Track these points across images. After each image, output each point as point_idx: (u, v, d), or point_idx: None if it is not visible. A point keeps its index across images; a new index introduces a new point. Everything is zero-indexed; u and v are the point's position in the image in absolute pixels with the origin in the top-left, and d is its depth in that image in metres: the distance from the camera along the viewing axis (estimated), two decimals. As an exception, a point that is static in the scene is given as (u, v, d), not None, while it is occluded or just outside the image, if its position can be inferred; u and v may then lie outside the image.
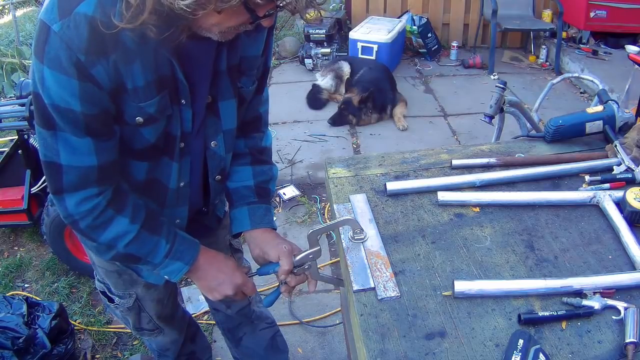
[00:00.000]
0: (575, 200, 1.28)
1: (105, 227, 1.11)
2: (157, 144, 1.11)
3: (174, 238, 1.20)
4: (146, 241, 1.16)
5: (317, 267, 1.26)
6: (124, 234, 1.13)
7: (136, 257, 1.17)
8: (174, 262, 1.20)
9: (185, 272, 1.22)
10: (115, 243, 1.13)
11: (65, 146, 1.01)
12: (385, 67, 4.38)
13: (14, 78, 4.77)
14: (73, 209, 1.08)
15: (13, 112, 2.50)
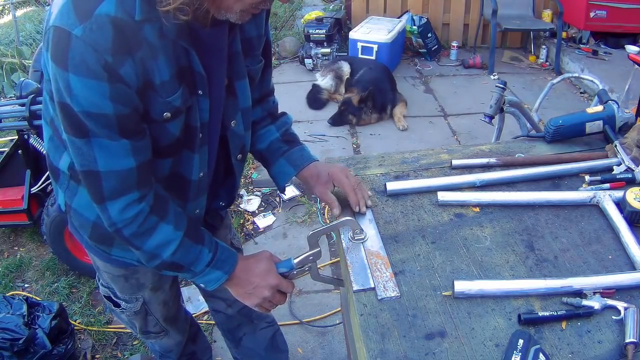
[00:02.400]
0: (575, 200, 1.28)
1: (150, 234, 1.10)
2: (180, 138, 1.12)
3: (215, 247, 1.20)
4: (190, 250, 1.15)
5: (317, 268, 1.26)
6: (169, 241, 1.12)
7: (180, 266, 1.16)
8: (215, 271, 1.20)
9: (224, 281, 1.21)
10: (160, 251, 1.12)
11: (101, 152, 1.00)
12: (385, 67, 4.38)
13: (14, 78, 4.77)
14: (117, 216, 1.07)
15: (13, 112, 2.50)
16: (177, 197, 1.22)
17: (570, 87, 4.63)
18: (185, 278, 1.27)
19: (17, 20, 5.54)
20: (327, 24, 4.98)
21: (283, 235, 2.93)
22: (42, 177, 2.62)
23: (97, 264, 1.42)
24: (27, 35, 5.70)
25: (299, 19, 6.05)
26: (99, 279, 1.50)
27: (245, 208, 3.14)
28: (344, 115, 4.00)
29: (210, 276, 1.20)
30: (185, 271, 1.18)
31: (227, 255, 1.22)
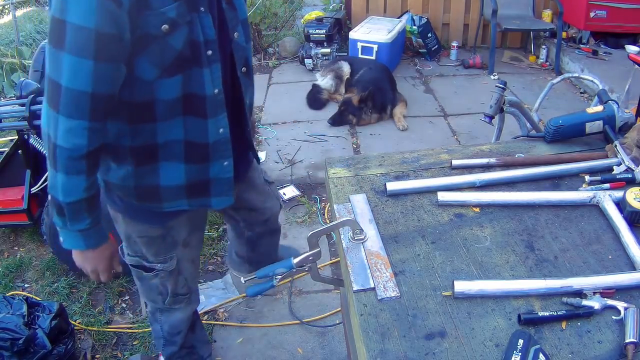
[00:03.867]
0: (575, 200, 1.28)
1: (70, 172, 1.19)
2: (184, 53, 1.18)
3: (97, 226, 1.30)
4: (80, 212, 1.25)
5: (317, 268, 1.26)
6: (75, 189, 1.21)
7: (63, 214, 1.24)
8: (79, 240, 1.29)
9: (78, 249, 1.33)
10: (62, 190, 1.21)
11: (69, 68, 1.08)
12: (385, 67, 4.38)
13: (14, 78, 4.78)
14: (61, 134, 1.14)
15: (13, 112, 2.50)
16: (197, 116, 1.30)
17: (570, 87, 4.63)
18: (56, 224, 1.31)
19: (17, 20, 5.54)
20: (327, 24, 4.98)
21: (283, 235, 2.92)
22: (42, 177, 2.62)
23: (130, 233, 1.51)
24: (27, 35, 5.70)
25: (299, 19, 6.06)
26: (126, 250, 1.59)
27: (245, 208, 3.14)
28: (344, 115, 4.00)
29: (74, 239, 1.29)
30: (62, 220, 1.26)
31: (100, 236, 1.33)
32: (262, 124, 4.12)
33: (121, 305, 2.52)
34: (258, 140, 3.91)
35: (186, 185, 1.40)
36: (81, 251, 1.33)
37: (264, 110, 4.36)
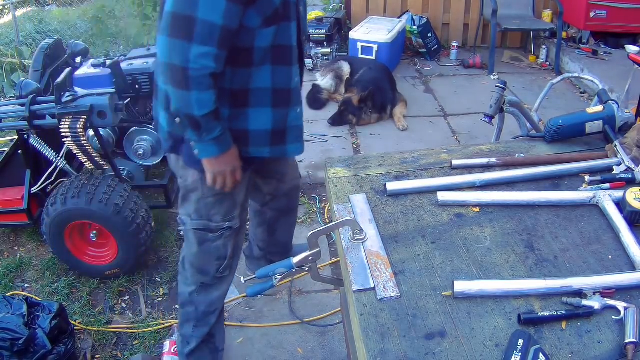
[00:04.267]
0: (575, 200, 1.28)
1: (203, 87, 1.41)
2: (279, 8, 1.45)
3: (225, 129, 1.51)
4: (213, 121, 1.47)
5: (317, 268, 1.26)
6: (208, 104, 1.43)
7: (199, 126, 1.46)
8: (212, 146, 1.51)
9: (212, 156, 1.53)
10: (196, 105, 1.42)
11: (206, 4, 1.32)
12: (385, 67, 4.38)
13: (14, 78, 4.77)
14: (194, 58, 1.36)
15: (13, 112, 2.50)
16: (285, 64, 1.56)
17: (570, 87, 4.63)
18: (192, 139, 1.52)
19: (17, 20, 5.54)
20: (327, 24, 4.98)
21: (283, 235, 2.93)
22: (42, 177, 2.62)
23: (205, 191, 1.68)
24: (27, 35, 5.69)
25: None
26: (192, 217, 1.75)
27: (245, 208, 3.14)
28: (344, 115, 4.00)
29: (208, 148, 1.51)
30: (198, 134, 1.48)
31: (228, 141, 1.53)
32: (262, 124, 4.12)
33: (121, 305, 2.52)
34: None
35: (271, 130, 1.62)
36: (215, 158, 1.54)
37: (264, 110, 4.35)
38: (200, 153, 1.53)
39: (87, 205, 2.36)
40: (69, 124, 2.29)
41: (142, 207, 2.53)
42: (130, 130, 2.89)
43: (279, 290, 2.52)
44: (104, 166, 2.50)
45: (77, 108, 2.30)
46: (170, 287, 2.61)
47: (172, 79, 1.41)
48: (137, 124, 2.89)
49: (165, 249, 2.84)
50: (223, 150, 1.54)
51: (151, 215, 2.61)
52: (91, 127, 2.38)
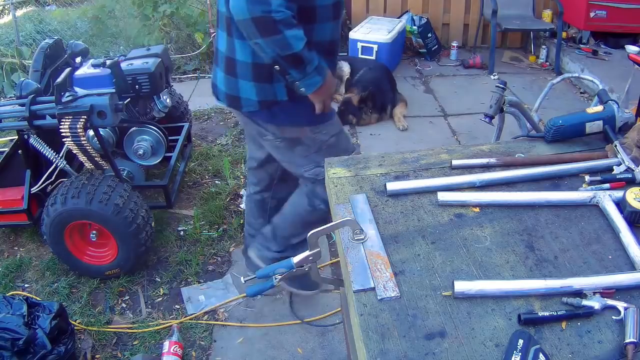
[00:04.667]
0: (575, 200, 1.28)
1: (292, 26, 1.55)
2: None
3: (319, 59, 1.67)
4: (309, 52, 1.63)
5: (317, 269, 1.26)
6: (301, 38, 1.58)
7: (301, 61, 1.61)
8: (316, 76, 1.67)
9: (319, 85, 1.69)
10: (294, 42, 1.57)
11: None
12: (385, 67, 4.38)
13: (14, 78, 4.78)
14: (276, 6, 1.51)
15: (13, 112, 2.50)
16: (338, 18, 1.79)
17: (570, 87, 4.63)
18: (295, 78, 1.66)
19: (17, 20, 5.54)
20: (327, 24, 4.97)
21: (283, 235, 2.93)
22: (42, 177, 2.62)
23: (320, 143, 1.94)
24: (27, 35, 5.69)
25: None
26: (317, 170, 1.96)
27: (245, 208, 3.14)
28: (344, 115, 4.00)
29: (313, 79, 1.67)
30: (301, 69, 1.63)
31: (323, 65, 1.71)
32: (262, 124, 4.12)
33: (121, 305, 2.52)
34: (258, 140, 3.91)
35: None
36: (320, 86, 1.70)
37: (264, 110, 4.35)
38: (307, 89, 1.69)
39: (87, 205, 2.36)
40: (69, 124, 2.29)
41: (142, 207, 2.53)
42: (130, 130, 2.89)
43: (279, 290, 2.53)
44: (104, 166, 2.50)
45: (77, 108, 2.30)
46: (170, 287, 2.61)
47: (261, 29, 1.54)
48: (137, 124, 2.89)
49: (165, 249, 2.85)
50: (325, 75, 1.71)
51: (151, 215, 2.61)
52: (91, 127, 2.38)
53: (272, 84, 1.79)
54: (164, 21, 5.18)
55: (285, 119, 1.87)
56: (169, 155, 3.00)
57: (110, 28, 5.72)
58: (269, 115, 1.87)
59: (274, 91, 1.80)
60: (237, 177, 3.40)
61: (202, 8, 5.33)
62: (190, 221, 3.03)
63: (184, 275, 2.67)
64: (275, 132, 1.93)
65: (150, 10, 4.97)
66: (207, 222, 3.00)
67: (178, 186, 3.07)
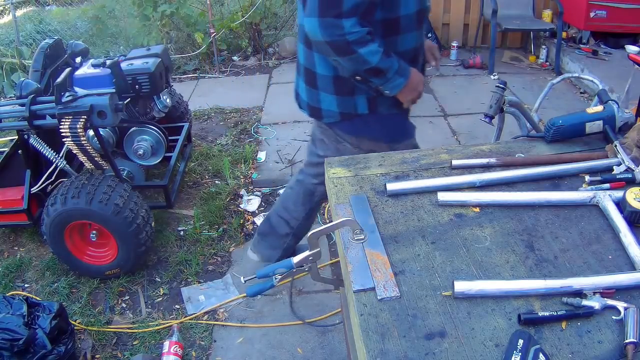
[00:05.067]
0: (575, 200, 1.28)
1: (366, 44, 1.60)
2: None
3: (399, 60, 1.70)
4: (387, 59, 1.66)
5: (317, 268, 1.26)
6: (376, 51, 1.62)
7: (380, 71, 1.66)
8: (399, 78, 1.71)
9: (402, 86, 1.73)
10: (370, 58, 1.62)
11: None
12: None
13: (14, 78, 4.78)
14: (348, 28, 1.56)
15: (13, 112, 2.50)
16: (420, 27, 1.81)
17: (570, 87, 4.63)
18: (377, 84, 1.72)
19: (17, 20, 5.54)
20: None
21: (283, 235, 2.93)
22: (42, 177, 2.62)
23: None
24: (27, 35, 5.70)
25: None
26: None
27: (245, 208, 3.14)
28: None
29: (396, 82, 1.71)
30: (382, 77, 1.68)
31: (404, 66, 1.73)
32: (262, 124, 4.12)
33: (121, 305, 2.52)
34: (258, 140, 3.92)
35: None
36: (405, 85, 1.74)
37: (264, 110, 4.36)
38: (392, 90, 1.74)
39: (87, 205, 2.36)
40: (69, 124, 2.29)
41: (142, 207, 2.53)
42: (130, 130, 2.89)
43: (279, 290, 2.53)
44: (104, 166, 2.50)
45: (77, 108, 2.30)
46: (170, 287, 2.61)
47: (336, 51, 1.62)
48: (137, 124, 2.89)
49: (165, 249, 2.85)
50: (408, 76, 1.73)
51: (151, 215, 2.61)
52: (91, 127, 2.38)
53: (353, 97, 1.83)
54: (164, 21, 5.18)
55: (365, 132, 1.90)
56: (169, 155, 3.00)
57: (110, 28, 5.72)
58: (349, 127, 1.91)
59: (355, 104, 1.84)
60: (237, 177, 3.40)
61: (202, 8, 5.34)
62: (190, 221, 3.03)
63: (184, 275, 2.67)
64: (353, 142, 1.95)
65: (150, 10, 4.97)
66: (207, 222, 3.00)
67: (178, 186, 3.07)
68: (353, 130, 1.91)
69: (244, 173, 3.46)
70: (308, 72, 1.89)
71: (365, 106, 1.83)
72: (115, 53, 4.89)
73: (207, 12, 5.06)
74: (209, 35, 5.03)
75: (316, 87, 1.88)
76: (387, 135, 1.91)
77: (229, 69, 5.20)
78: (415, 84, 1.78)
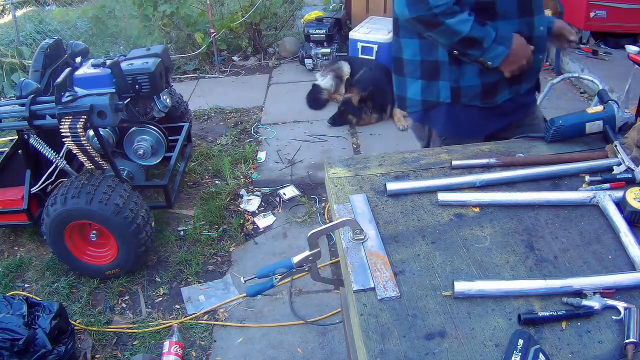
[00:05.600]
0: (575, 200, 1.28)
1: (453, 14, 1.57)
2: None
3: (496, 29, 1.62)
4: (480, 28, 1.60)
5: (317, 268, 1.26)
6: (466, 20, 1.58)
7: (474, 40, 1.60)
8: (498, 47, 1.63)
9: (504, 55, 1.64)
10: (460, 27, 1.58)
11: None
12: (385, 67, 4.37)
13: (14, 78, 4.78)
14: (433, 2, 1.55)
15: (13, 112, 2.50)
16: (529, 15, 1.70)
17: (570, 87, 4.63)
18: (477, 56, 1.65)
19: (17, 20, 5.54)
20: (327, 24, 4.98)
21: (283, 235, 2.93)
22: (42, 177, 2.62)
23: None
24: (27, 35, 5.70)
25: (299, 19, 6.05)
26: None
27: (245, 208, 3.14)
28: (344, 115, 4.00)
29: (496, 51, 1.63)
30: (479, 47, 1.62)
31: (505, 34, 1.64)
32: (262, 124, 4.12)
33: (121, 305, 2.52)
34: (258, 140, 3.92)
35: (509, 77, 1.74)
36: (506, 56, 1.65)
37: (264, 110, 4.36)
38: (494, 61, 1.65)
39: (87, 205, 2.36)
40: (69, 124, 2.29)
41: (142, 207, 2.53)
42: (130, 130, 2.89)
43: (279, 290, 2.53)
44: (104, 166, 2.50)
45: (77, 108, 2.30)
46: (170, 287, 2.61)
47: (426, 25, 1.62)
48: (137, 124, 2.89)
49: (165, 249, 2.85)
50: (509, 44, 1.64)
51: (151, 215, 2.61)
52: (91, 127, 2.38)
53: (437, 82, 1.78)
54: (164, 21, 5.18)
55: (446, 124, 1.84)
56: (169, 155, 3.01)
57: (110, 28, 5.72)
58: (431, 119, 1.87)
59: (438, 90, 1.78)
60: (237, 177, 3.40)
61: (202, 8, 5.34)
62: (190, 221, 3.03)
63: (184, 275, 2.67)
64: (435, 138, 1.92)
65: (151, 10, 4.97)
66: (207, 222, 3.00)
67: (178, 186, 3.07)
68: (433, 123, 1.87)
69: (244, 173, 3.46)
70: (396, 61, 1.87)
71: (448, 94, 1.76)
72: (115, 53, 4.89)
73: (207, 12, 5.06)
74: (209, 35, 5.03)
75: (403, 73, 1.85)
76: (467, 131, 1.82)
77: (229, 69, 5.20)
78: (519, 53, 1.68)
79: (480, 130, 1.83)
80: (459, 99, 1.76)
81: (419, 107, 1.85)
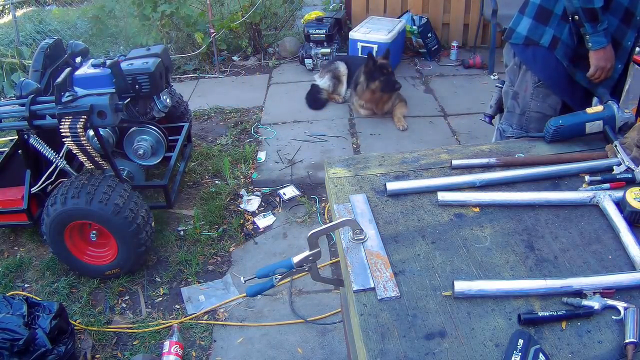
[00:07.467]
0: (575, 200, 1.28)
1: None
2: None
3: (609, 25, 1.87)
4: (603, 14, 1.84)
5: (317, 268, 1.26)
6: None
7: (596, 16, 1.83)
8: (602, 37, 1.87)
9: (603, 45, 1.88)
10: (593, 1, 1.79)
11: None
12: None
13: (14, 78, 4.78)
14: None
15: (13, 112, 2.50)
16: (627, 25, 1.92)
17: (570, 87, 4.62)
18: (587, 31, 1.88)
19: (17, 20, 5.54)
20: (327, 24, 4.98)
21: (283, 235, 2.93)
22: (42, 177, 2.62)
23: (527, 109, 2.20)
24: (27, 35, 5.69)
25: (299, 19, 6.05)
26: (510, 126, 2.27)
27: (245, 208, 3.14)
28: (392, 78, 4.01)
29: (600, 38, 1.87)
30: (594, 24, 1.85)
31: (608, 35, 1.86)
32: (262, 124, 4.12)
33: (121, 305, 2.52)
34: (258, 140, 3.92)
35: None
36: (604, 48, 1.89)
37: (264, 110, 4.36)
38: (593, 44, 1.88)
39: (87, 205, 2.36)
40: (69, 124, 2.29)
41: (142, 207, 2.53)
42: (130, 130, 2.89)
43: (279, 290, 2.53)
44: (104, 166, 2.50)
45: (77, 108, 2.30)
46: (170, 287, 2.61)
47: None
48: (137, 124, 2.89)
49: (165, 249, 2.85)
50: (608, 41, 1.88)
51: (151, 215, 2.61)
52: (91, 127, 2.38)
53: (545, 27, 2.02)
54: (164, 21, 5.18)
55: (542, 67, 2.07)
56: (169, 155, 3.01)
57: (110, 28, 5.72)
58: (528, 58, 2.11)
59: (542, 33, 2.03)
60: (237, 177, 3.40)
61: (202, 8, 5.34)
62: (190, 221, 3.03)
63: (184, 275, 2.67)
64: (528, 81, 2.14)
65: (150, 10, 4.97)
66: (207, 222, 3.00)
67: (178, 186, 3.07)
68: (526, 58, 2.12)
69: (244, 173, 3.46)
70: (525, 2, 2.12)
71: (549, 39, 2.00)
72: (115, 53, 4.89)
73: (207, 12, 5.06)
74: (209, 35, 5.03)
75: (524, 12, 2.11)
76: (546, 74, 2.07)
77: (229, 69, 5.20)
78: (610, 56, 1.91)
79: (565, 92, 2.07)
80: (555, 48, 2.00)
81: (521, 41, 2.11)
